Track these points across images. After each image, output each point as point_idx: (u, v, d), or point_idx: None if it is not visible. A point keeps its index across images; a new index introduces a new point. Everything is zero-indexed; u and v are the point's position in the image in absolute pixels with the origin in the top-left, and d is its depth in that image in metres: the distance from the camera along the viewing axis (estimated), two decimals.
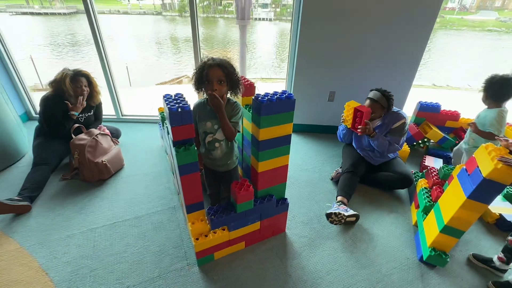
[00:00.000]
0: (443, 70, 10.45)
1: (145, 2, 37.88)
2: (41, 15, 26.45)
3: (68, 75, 1.93)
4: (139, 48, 14.22)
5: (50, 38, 15.56)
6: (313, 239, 1.57)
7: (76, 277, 1.31)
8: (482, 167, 1.14)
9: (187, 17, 18.01)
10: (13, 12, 26.73)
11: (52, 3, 32.07)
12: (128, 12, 33.09)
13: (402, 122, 1.86)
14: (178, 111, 1.00)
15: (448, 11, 29.36)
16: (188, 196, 1.23)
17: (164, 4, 36.15)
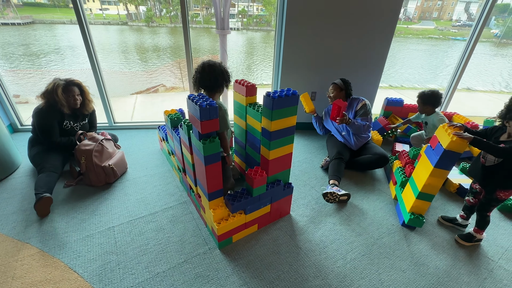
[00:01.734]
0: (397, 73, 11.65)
1: (109, 12, 36.47)
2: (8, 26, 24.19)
3: (60, 85, 1.94)
4: (106, 58, 13.71)
5: (2, 50, 14.34)
6: (315, 217, 1.80)
7: (105, 270, 1.39)
8: (442, 142, 1.47)
9: (155, 27, 17.52)
10: None
11: (4, 13, 29.47)
12: (92, 23, 31.62)
13: (362, 104, 2.25)
14: (207, 107, 1.18)
15: None
16: (211, 184, 1.39)
17: (130, 14, 35.13)
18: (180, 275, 1.38)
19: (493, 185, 1.46)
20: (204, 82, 1.39)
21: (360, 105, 2.24)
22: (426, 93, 2.24)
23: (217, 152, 1.32)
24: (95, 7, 36.48)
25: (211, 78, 1.39)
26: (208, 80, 1.39)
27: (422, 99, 2.26)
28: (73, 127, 2.10)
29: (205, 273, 1.40)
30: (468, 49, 2.94)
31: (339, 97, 2.29)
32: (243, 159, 1.93)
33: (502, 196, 1.45)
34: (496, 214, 1.91)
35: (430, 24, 32.58)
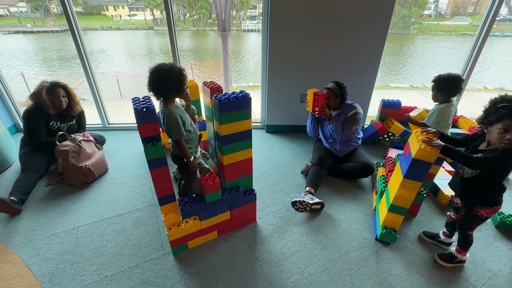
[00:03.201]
0: (422, 72, 10.92)
1: (137, 18, 38.45)
2: (34, 33, 26.63)
3: (45, 87, 2.04)
4: (130, 61, 14.45)
5: (44, 54, 15.74)
6: (281, 226, 1.71)
7: (58, 270, 1.41)
8: (412, 149, 1.32)
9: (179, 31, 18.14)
10: (5, 31, 26.78)
11: (44, 21, 32.31)
12: (120, 28, 33.57)
13: (354, 111, 2.08)
14: (143, 111, 1.16)
15: (425, 18, 30.86)
16: (159, 189, 1.37)
17: (156, 19, 36.74)
18: (127, 280, 1.36)
19: (471, 200, 1.27)
20: (151, 87, 1.36)
21: (352, 113, 2.07)
22: (442, 76, 1.91)
23: (161, 157, 1.28)
24: (124, 13, 38.67)
25: (157, 83, 1.35)
26: (153, 85, 1.36)
27: (437, 83, 1.92)
28: (59, 127, 2.20)
29: (152, 279, 1.37)
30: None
31: (335, 104, 2.11)
32: (216, 162, 1.88)
33: (483, 213, 1.26)
34: (491, 231, 1.68)
35: (464, 20, 30.31)
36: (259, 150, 2.61)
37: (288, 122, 2.92)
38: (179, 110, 1.45)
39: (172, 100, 1.44)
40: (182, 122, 1.43)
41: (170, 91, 1.38)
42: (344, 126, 2.07)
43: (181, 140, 1.44)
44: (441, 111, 1.95)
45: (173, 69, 1.36)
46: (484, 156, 1.11)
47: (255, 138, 2.86)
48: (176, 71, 1.36)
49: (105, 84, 8.64)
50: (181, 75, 1.40)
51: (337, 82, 2.10)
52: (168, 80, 1.34)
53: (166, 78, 1.34)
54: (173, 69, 1.36)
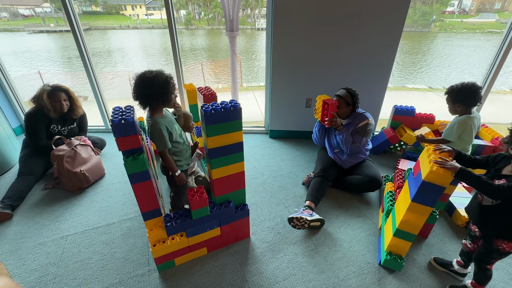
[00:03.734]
0: (442, 73, 10.35)
1: (153, 17, 39.20)
2: (56, 33, 27.81)
3: (46, 91, 2.02)
4: (146, 60, 14.69)
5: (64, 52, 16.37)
6: (276, 244, 1.59)
7: (40, 283, 1.36)
8: (422, 170, 1.16)
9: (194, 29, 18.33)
10: (30, 30, 28.15)
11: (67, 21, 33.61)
12: (137, 27, 34.37)
13: (365, 122, 1.90)
14: (121, 123, 1.07)
15: (448, 15, 29.26)
16: (143, 203, 1.28)
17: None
18: None
19: (491, 231, 1.10)
20: (135, 96, 1.28)
21: (363, 124, 1.88)
22: (455, 87, 1.71)
23: (144, 171, 1.20)
24: (142, 13, 39.52)
25: (141, 92, 1.26)
26: (137, 94, 1.27)
27: (451, 95, 1.72)
28: (60, 131, 2.18)
29: None
30: None
31: (346, 113, 1.93)
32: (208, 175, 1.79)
33: (505, 247, 1.08)
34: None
35: (490, 17, 28.58)
36: (260, 157, 2.49)
37: (293, 127, 2.78)
38: (166, 120, 1.36)
39: (159, 110, 1.35)
40: (168, 133, 1.34)
41: (155, 100, 1.29)
42: (354, 138, 1.90)
43: (165, 152, 1.35)
44: (462, 124, 1.74)
45: (158, 77, 1.26)
46: (508, 184, 0.94)
47: (258, 143, 2.75)
48: (161, 79, 1.27)
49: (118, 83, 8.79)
50: (167, 84, 1.30)
51: (349, 89, 1.92)
52: (153, 88, 1.25)
53: (151, 87, 1.25)
54: (158, 77, 1.26)
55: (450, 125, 1.80)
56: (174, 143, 1.39)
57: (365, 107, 2.32)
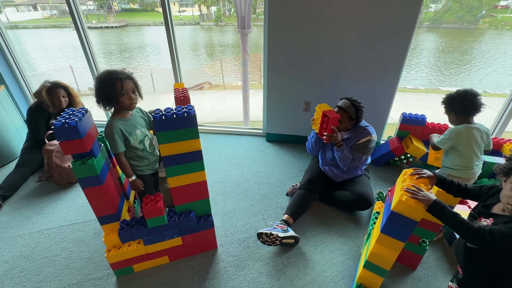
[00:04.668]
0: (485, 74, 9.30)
1: (185, 14, 40.42)
2: (97, 29, 29.93)
3: (45, 87, 2.10)
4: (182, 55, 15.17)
5: (103, 48, 17.57)
6: (242, 260, 1.48)
7: (6, 276, 1.41)
8: (394, 197, 0.98)
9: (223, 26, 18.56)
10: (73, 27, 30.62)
11: (107, 18, 36.08)
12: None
13: (367, 139, 1.70)
14: (64, 127, 1.03)
15: (501, 10, 26.04)
16: (96, 208, 1.26)
17: (202, 14, 38.14)
18: None
19: (477, 277, 0.89)
20: (95, 96, 1.24)
21: (364, 140, 1.70)
22: (448, 95, 1.53)
23: (94, 175, 1.16)
24: (175, 10, 40.88)
25: (96, 92, 1.23)
26: (96, 94, 1.23)
27: (445, 104, 1.55)
28: None
29: None
30: None
31: (347, 127, 1.75)
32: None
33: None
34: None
35: None
36: (251, 161, 2.38)
37: (290, 131, 2.62)
38: (125, 123, 1.31)
39: (117, 111, 1.31)
40: (124, 137, 1.29)
41: (101, 101, 1.25)
42: (352, 155, 1.70)
43: (118, 155, 1.31)
44: (456, 132, 1.49)
45: (100, 76, 1.22)
46: (490, 228, 0.74)
47: (252, 146, 2.64)
48: (100, 78, 1.22)
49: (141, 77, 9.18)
50: (103, 83, 1.23)
51: (353, 100, 1.70)
52: (96, 89, 1.21)
53: (96, 87, 1.21)
54: (100, 76, 1.22)
55: (445, 132, 1.56)
56: (131, 148, 1.34)
57: (370, 114, 2.12)
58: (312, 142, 1.88)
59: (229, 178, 2.16)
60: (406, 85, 8.80)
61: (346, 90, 2.26)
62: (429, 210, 0.85)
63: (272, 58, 2.28)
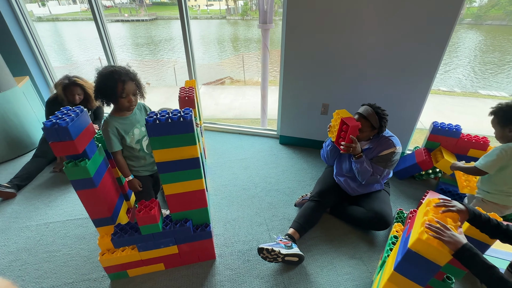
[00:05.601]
0: None
1: (212, 8, 40.80)
2: (129, 22, 31.21)
3: (63, 84, 2.12)
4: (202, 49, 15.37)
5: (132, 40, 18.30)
6: (240, 274, 1.38)
7: (9, 268, 1.43)
8: (413, 231, 0.81)
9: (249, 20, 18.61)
10: (108, 20, 32.30)
11: (138, 11, 37.49)
12: (197, 17, 36.26)
13: (391, 151, 1.51)
14: (54, 127, 0.99)
15: None
16: (90, 210, 1.22)
17: (229, 8, 38.21)
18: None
19: None
20: (94, 92, 1.20)
21: (388, 152, 1.51)
22: (502, 105, 1.25)
23: (87, 178, 1.12)
24: (203, 4, 41.34)
25: (96, 88, 1.18)
26: (95, 90, 1.19)
27: (499, 116, 1.26)
28: None
29: None
30: None
31: (368, 137, 1.55)
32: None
33: None
34: None
35: None
36: (262, 165, 2.27)
37: (305, 135, 2.46)
38: (123, 122, 1.26)
39: (116, 108, 1.26)
40: (120, 136, 1.24)
41: (99, 98, 1.19)
42: (373, 168, 1.52)
43: (114, 154, 1.26)
44: (507, 152, 1.24)
45: (101, 73, 1.16)
46: None
47: (265, 149, 2.52)
48: (102, 75, 1.16)
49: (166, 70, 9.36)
50: (104, 82, 1.17)
51: (376, 107, 1.50)
52: (96, 85, 1.16)
53: (96, 82, 1.16)
54: (101, 73, 1.16)
55: (491, 151, 1.31)
56: (127, 147, 1.29)
57: (395, 121, 1.91)
58: (328, 150, 1.71)
59: (237, 182, 2.06)
60: (440, 86, 8.13)
61: (370, 93, 2.06)
62: (456, 255, 0.69)
63: (289, 56, 2.12)
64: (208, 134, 2.79)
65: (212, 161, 2.32)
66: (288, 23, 1.99)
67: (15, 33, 2.63)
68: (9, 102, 2.31)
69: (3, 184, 1.93)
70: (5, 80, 2.30)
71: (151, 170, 1.44)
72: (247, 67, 10.32)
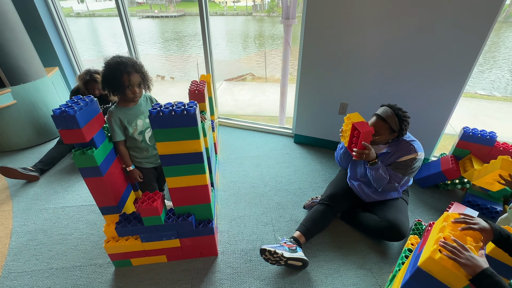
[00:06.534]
0: None
1: (239, 4, 40.97)
2: (159, 18, 32.35)
3: (84, 79, 2.20)
4: (226, 45, 15.53)
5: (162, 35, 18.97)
6: (241, 274, 1.35)
7: (25, 247, 1.51)
8: (425, 248, 0.72)
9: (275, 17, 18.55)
10: (140, 16, 33.61)
11: (168, 7, 38.72)
12: (224, 14, 36.66)
13: (412, 157, 1.39)
14: (62, 115, 1.01)
15: None
16: (97, 198, 1.24)
17: (255, 5, 38.16)
18: (62, 280, 1.33)
19: None
20: (101, 82, 1.23)
21: (408, 158, 1.39)
22: None
23: (94, 166, 1.14)
24: (230, 0, 41.63)
25: (103, 78, 1.20)
26: (102, 80, 1.21)
27: None
28: None
29: (81, 287, 1.30)
30: None
31: (387, 140, 1.44)
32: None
33: None
34: None
35: None
36: (273, 163, 2.21)
37: (321, 135, 2.37)
38: (127, 112, 1.28)
39: (121, 99, 1.28)
40: (123, 127, 1.26)
41: (106, 88, 1.21)
42: (390, 175, 1.41)
43: (117, 144, 1.29)
44: None
45: (108, 63, 1.19)
46: None
47: (279, 147, 2.46)
48: (109, 65, 1.18)
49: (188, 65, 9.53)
50: (110, 73, 1.19)
51: (397, 108, 1.38)
52: (103, 75, 1.18)
53: (103, 72, 1.18)
54: (108, 63, 1.19)
55: None
56: (129, 138, 1.31)
57: (420, 125, 1.79)
58: (341, 153, 1.62)
59: (247, 179, 2.03)
60: (477, 90, 7.49)
61: (391, 93, 1.93)
62: (474, 281, 0.60)
63: (307, 51, 2.04)
64: (222, 129, 2.78)
65: (223, 156, 2.31)
66: (307, 17, 1.90)
67: (49, 27, 2.79)
68: (38, 91, 2.45)
69: (28, 167, 2.05)
70: (36, 70, 2.44)
71: (155, 162, 1.45)
72: (269, 64, 10.22)
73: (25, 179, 2.01)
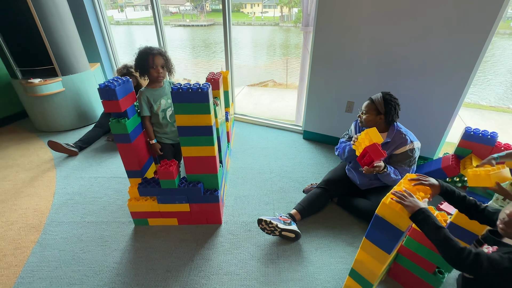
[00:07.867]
0: None
1: (267, 15, 42.05)
2: (190, 27, 34.24)
3: (121, 72, 2.53)
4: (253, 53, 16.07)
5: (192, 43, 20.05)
6: (240, 240, 1.53)
7: (65, 204, 1.81)
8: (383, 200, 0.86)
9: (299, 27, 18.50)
10: (173, 24, 35.78)
11: (198, 17, 40.86)
12: (251, 24, 37.81)
13: (409, 147, 1.50)
14: (106, 88, 1.28)
15: None
16: (126, 162, 1.50)
17: (283, 16, 38.96)
18: (92, 231, 1.60)
19: None
20: (134, 67, 1.52)
21: (404, 149, 1.49)
22: None
23: (125, 133, 1.40)
24: (258, 11, 42.89)
25: (135, 63, 1.48)
26: (135, 64, 1.50)
27: None
28: None
29: (106, 238, 1.55)
30: None
31: (374, 123, 1.53)
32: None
33: None
34: None
35: None
36: (281, 155, 2.38)
37: (328, 132, 2.50)
38: (154, 93, 1.56)
39: (150, 81, 1.55)
40: (149, 104, 1.52)
41: (137, 70, 1.48)
42: (400, 172, 1.51)
43: (143, 118, 1.55)
44: None
45: (139, 50, 1.47)
46: (478, 252, 0.60)
47: (288, 141, 2.62)
48: (139, 52, 1.47)
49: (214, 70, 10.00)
50: (139, 56, 1.48)
51: (387, 94, 1.52)
52: (135, 60, 1.45)
53: (135, 59, 1.46)
54: (139, 50, 1.47)
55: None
56: (154, 114, 1.57)
57: (423, 125, 1.88)
58: (347, 153, 1.66)
59: (254, 166, 2.22)
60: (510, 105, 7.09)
61: (394, 92, 2.00)
62: (412, 218, 0.73)
63: (317, 52, 2.22)
64: (237, 124, 3.00)
65: (236, 146, 2.52)
66: (318, 22, 2.09)
67: (95, 30, 3.23)
68: (82, 82, 2.85)
69: (70, 144, 2.41)
70: (82, 64, 2.84)
71: (173, 139, 1.70)
72: (291, 71, 10.43)
73: (66, 153, 2.36)
